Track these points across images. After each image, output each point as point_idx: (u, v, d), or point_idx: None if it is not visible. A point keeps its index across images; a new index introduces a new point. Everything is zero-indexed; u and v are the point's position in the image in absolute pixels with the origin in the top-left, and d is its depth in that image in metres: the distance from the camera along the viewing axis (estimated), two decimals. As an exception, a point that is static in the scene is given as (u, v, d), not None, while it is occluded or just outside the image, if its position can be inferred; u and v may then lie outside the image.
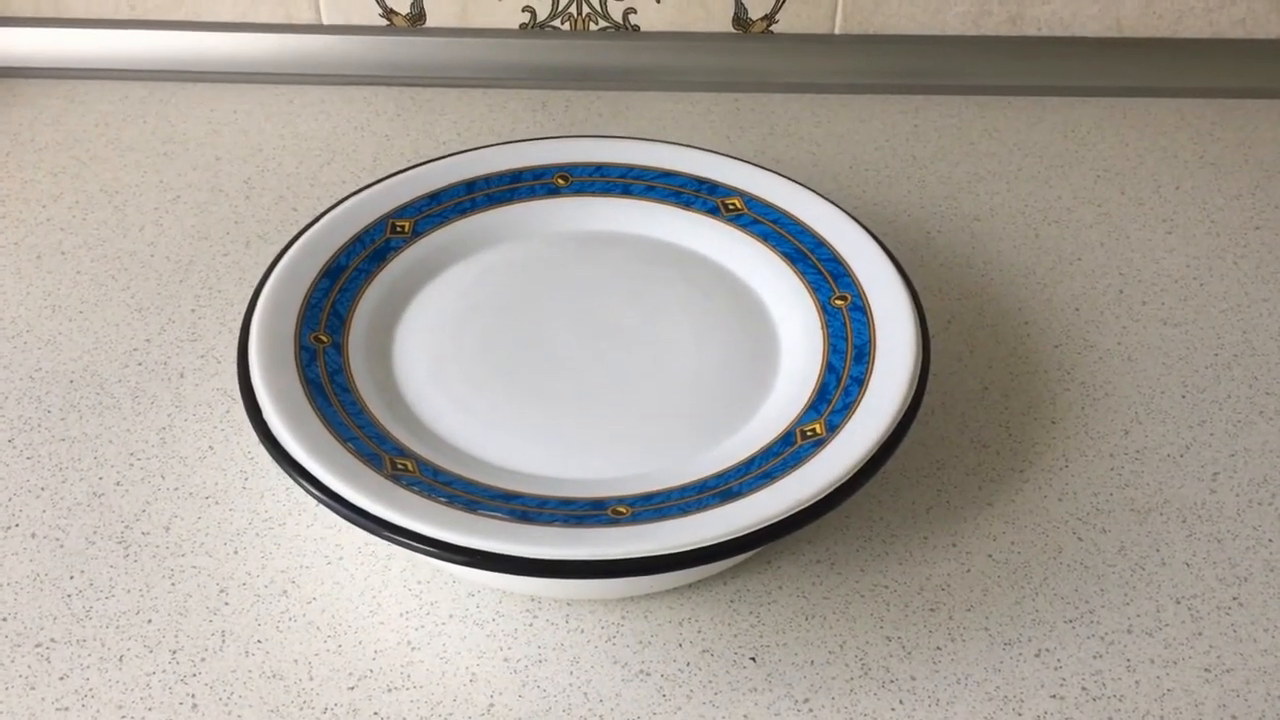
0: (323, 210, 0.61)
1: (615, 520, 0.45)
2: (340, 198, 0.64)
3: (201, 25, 0.77)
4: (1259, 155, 0.74)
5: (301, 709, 0.45)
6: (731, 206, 0.59)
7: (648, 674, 0.46)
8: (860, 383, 0.50)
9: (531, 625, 0.48)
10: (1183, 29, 0.78)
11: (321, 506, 0.48)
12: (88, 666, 0.46)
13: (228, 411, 0.56)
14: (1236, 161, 0.73)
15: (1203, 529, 0.52)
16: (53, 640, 0.47)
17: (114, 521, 0.51)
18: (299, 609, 0.48)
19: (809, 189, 0.60)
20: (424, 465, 0.47)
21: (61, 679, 0.45)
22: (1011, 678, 0.46)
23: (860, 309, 0.53)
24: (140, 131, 0.74)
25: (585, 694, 0.45)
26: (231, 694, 0.45)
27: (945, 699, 0.45)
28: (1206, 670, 0.47)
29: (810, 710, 0.45)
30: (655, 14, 0.77)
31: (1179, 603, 0.49)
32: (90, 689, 0.45)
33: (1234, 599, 0.49)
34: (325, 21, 0.78)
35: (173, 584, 0.49)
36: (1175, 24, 0.78)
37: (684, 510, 0.45)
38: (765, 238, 0.58)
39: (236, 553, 0.50)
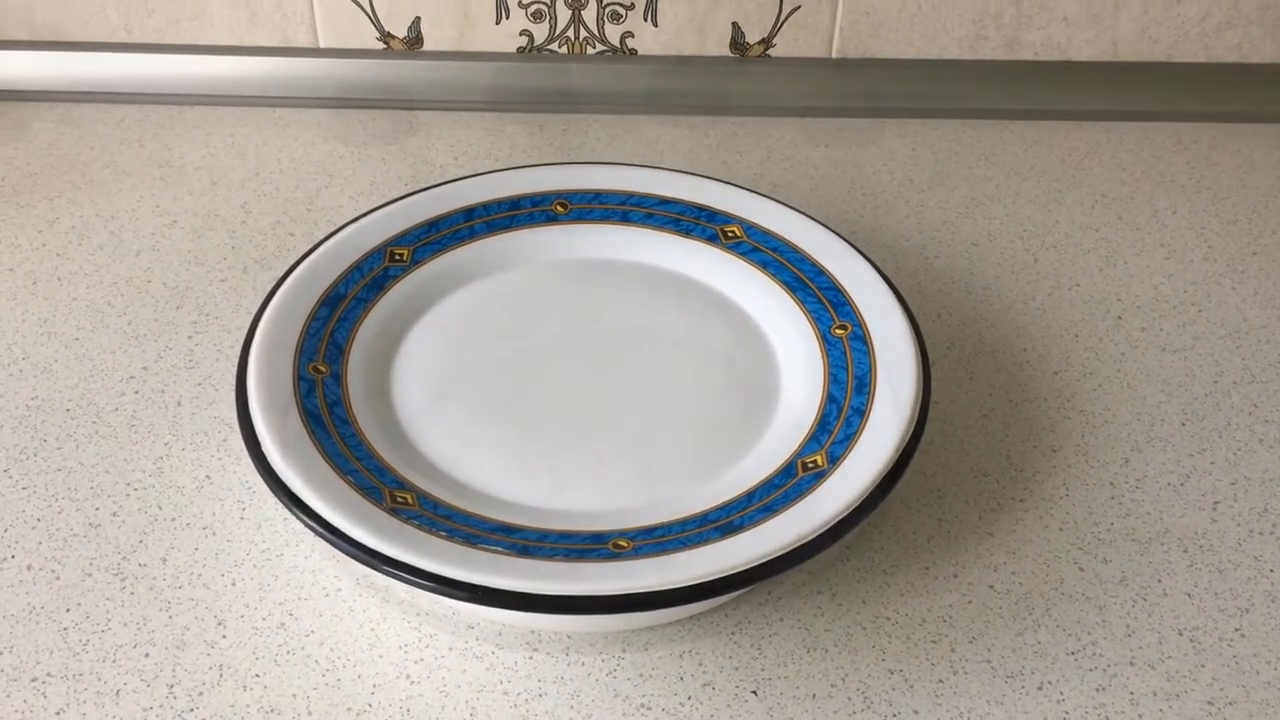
0: (320, 238, 0.61)
1: (616, 554, 0.45)
2: (338, 225, 0.64)
3: (198, 49, 0.77)
4: (1256, 180, 0.74)
5: (300, 745, 0.45)
6: (731, 234, 0.59)
7: (649, 708, 0.46)
8: (861, 414, 0.50)
9: (531, 658, 0.47)
10: (1179, 53, 0.78)
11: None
12: (84, 701, 0.45)
13: (225, 440, 0.56)
14: (1233, 186, 0.73)
15: (1204, 559, 0.52)
16: (49, 675, 0.46)
17: (111, 553, 0.51)
18: (297, 642, 0.48)
19: (808, 216, 0.59)
20: (424, 498, 0.47)
21: (58, 714, 0.45)
22: (1014, 711, 0.46)
23: (861, 339, 0.53)
24: (137, 155, 0.73)
25: (586, 729, 0.45)
26: (229, 729, 0.45)
27: (948, 733, 0.45)
28: (1210, 703, 0.46)
29: (812, 745, 0.45)
30: (652, 38, 0.77)
31: (1181, 634, 0.49)
32: (87, 725, 0.45)
33: (1236, 630, 0.49)
34: (322, 45, 0.78)
35: (170, 616, 0.48)
36: (1171, 48, 0.78)
37: (685, 544, 0.45)
38: (765, 265, 0.58)
39: (234, 584, 0.50)
